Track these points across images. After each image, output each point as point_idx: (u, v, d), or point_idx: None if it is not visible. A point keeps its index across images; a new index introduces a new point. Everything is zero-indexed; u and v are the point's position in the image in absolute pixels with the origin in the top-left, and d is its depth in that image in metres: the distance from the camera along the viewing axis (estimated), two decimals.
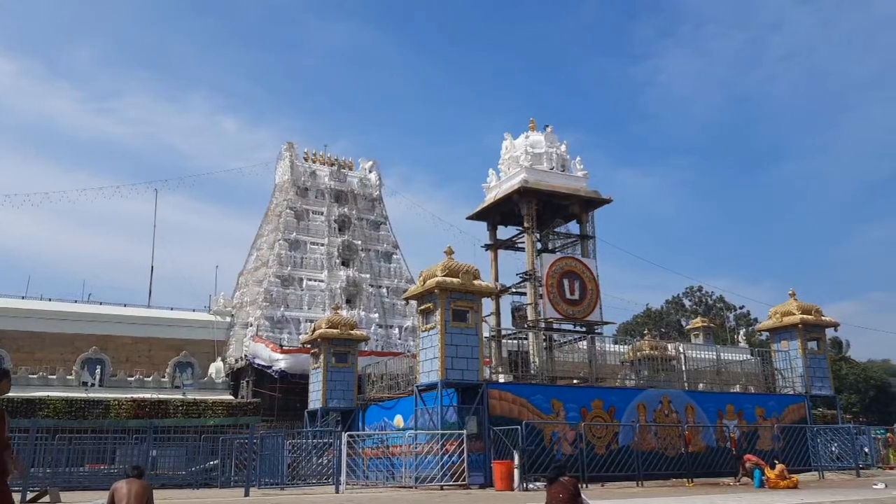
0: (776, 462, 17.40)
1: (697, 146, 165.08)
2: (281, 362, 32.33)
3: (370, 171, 46.50)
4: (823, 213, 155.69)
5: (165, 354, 34.44)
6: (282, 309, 38.76)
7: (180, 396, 28.49)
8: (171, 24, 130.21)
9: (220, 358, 35.94)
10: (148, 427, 22.05)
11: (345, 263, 41.82)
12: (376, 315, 40.47)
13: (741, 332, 56.38)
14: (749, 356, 27.58)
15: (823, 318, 24.07)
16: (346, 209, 43.56)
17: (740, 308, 65.42)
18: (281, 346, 34.03)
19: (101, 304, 38.25)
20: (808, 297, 24.37)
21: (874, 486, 15.50)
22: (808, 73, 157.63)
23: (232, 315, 40.04)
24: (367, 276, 41.83)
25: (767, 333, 25.57)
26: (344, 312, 32.36)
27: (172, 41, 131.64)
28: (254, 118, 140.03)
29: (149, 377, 31.70)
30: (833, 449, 21.56)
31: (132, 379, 31.31)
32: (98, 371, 30.69)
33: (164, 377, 31.92)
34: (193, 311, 40.34)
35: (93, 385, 30.12)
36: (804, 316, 23.35)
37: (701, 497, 14.14)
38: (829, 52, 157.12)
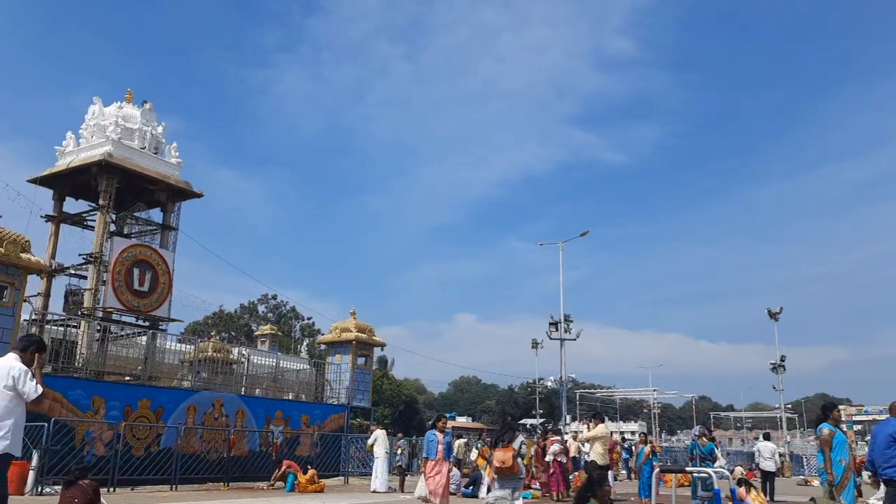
0: (309, 467, 18.66)
1: (298, 162, 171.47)
2: None
3: None
4: (391, 246, 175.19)
5: None
6: None
7: None
8: None
9: None
10: None
11: None
12: None
13: (305, 343, 59.66)
14: (307, 366, 29.31)
15: (375, 337, 26.94)
16: None
17: (308, 319, 69.25)
18: None
19: None
20: (366, 317, 27.09)
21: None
22: (402, 121, 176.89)
23: None
24: None
25: (326, 346, 27.56)
26: None
27: None
28: None
29: None
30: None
31: None
32: None
33: None
34: None
35: None
36: (359, 334, 25.82)
37: (232, 500, 14.40)
38: (420, 108, 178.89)
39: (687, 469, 12.82)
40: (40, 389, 5.54)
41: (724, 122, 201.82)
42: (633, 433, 76.25)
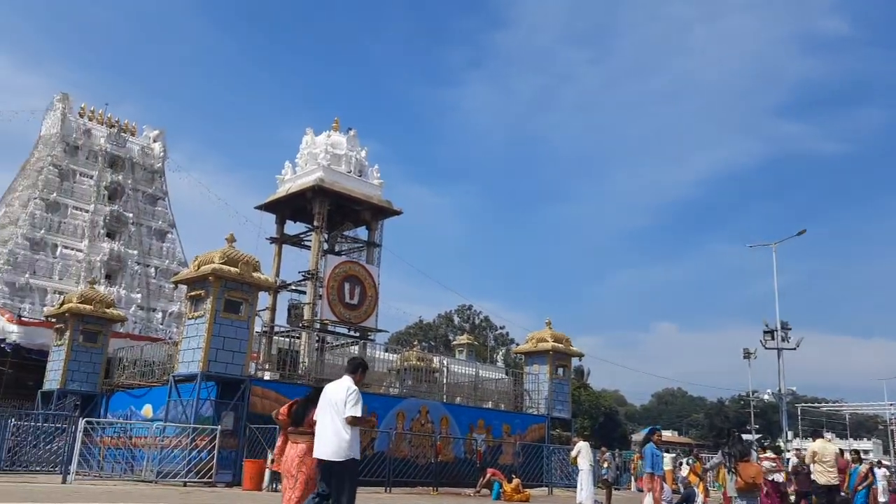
0: (514, 476, 18.82)
1: (487, 176, 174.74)
2: (16, 334, 28.63)
3: (154, 141, 43.12)
4: (583, 254, 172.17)
5: None
6: (27, 276, 34.49)
7: None
8: None
9: None
10: None
11: (110, 235, 38.29)
12: (139, 296, 37.51)
13: (500, 353, 60.44)
14: (504, 376, 29.64)
15: (571, 347, 26.57)
16: (120, 177, 39.95)
17: (501, 328, 70.12)
18: (19, 316, 30.15)
19: None
20: (560, 327, 26.79)
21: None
22: (589, 126, 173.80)
23: None
24: (135, 252, 38.66)
25: (522, 356, 27.69)
26: (101, 288, 29.57)
27: None
28: (25, 59, 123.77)
29: None
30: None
31: None
32: None
33: None
34: None
35: None
36: (555, 344, 25.60)
37: None
38: (608, 112, 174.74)
39: None
40: (357, 413, 6.31)
41: None
42: (865, 452, 68.13)
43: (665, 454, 24.23)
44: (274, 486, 15.78)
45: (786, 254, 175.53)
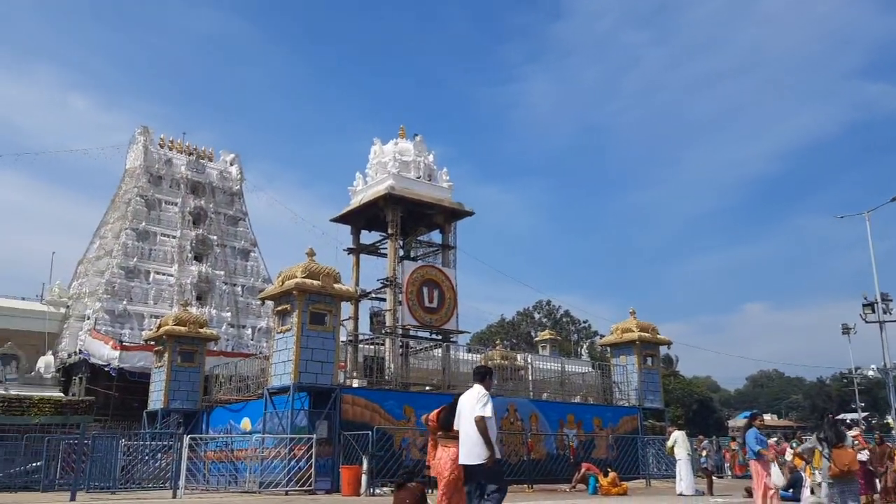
0: (609, 470, 18.55)
1: (554, 168, 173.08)
2: (119, 359, 30.26)
3: (231, 164, 44.75)
4: (660, 240, 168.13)
5: None
6: (125, 302, 36.36)
7: (1, 392, 25.93)
8: None
9: (50, 352, 33.08)
10: None
11: (198, 258, 39.93)
12: (228, 314, 38.95)
13: (584, 346, 59.63)
14: (590, 369, 29.25)
15: (658, 336, 25.98)
16: (202, 202, 41.63)
17: (584, 322, 69.18)
18: (121, 341, 31.86)
19: None
20: (644, 316, 26.21)
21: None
22: (657, 108, 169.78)
23: (67, 306, 37.05)
24: (222, 273, 40.19)
25: (608, 348, 27.28)
26: (194, 310, 30.88)
27: (14, 7, 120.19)
28: (107, 98, 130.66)
29: None
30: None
31: None
32: None
33: None
34: (23, 299, 36.92)
35: None
36: (642, 333, 25.08)
37: (540, 503, 14.82)
38: (676, 92, 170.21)
39: None
40: (485, 413, 6.70)
41: None
42: None
43: (770, 438, 23.37)
44: (372, 490, 16.10)
45: (881, 221, 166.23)
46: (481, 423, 6.65)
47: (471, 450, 6.79)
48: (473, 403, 6.85)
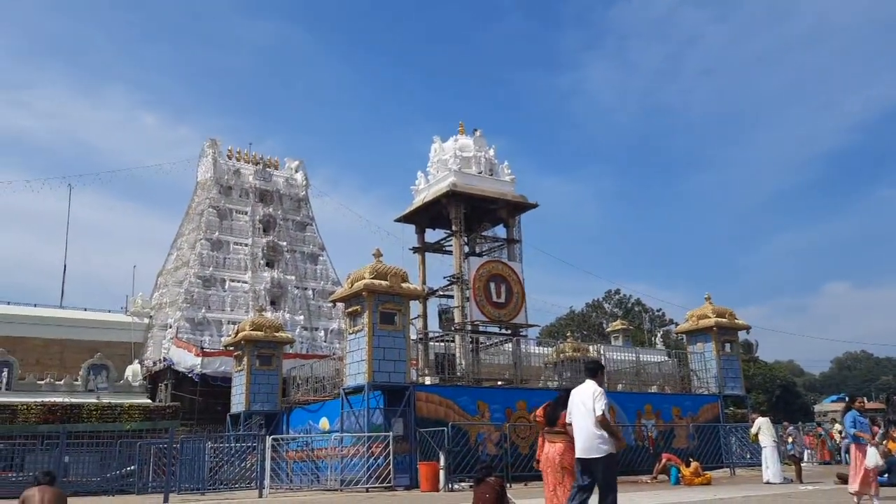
0: (691, 460, 18.12)
1: (618, 155, 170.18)
2: (201, 365, 31.44)
3: (296, 171, 45.81)
4: (733, 222, 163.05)
5: (78, 357, 32.89)
6: (203, 310, 37.71)
7: (94, 400, 27.29)
8: (86, 15, 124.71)
9: (137, 360, 34.64)
10: (60, 432, 21.05)
11: (269, 264, 41.07)
12: (301, 317, 39.90)
13: (658, 334, 58.39)
14: (666, 357, 28.59)
15: (736, 321, 25.15)
16: (271, 209, 42.77)
17: (657, 311, 67.67)
18: (202, 348, 33.09)
19: (8, 303, 36.28)
20: (719, 301, 25.44)
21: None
22: (723, 87, 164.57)
23: (150, 316, 38.69)
24: (293, 277, 41.21)
25: (683, 335, 26.62)
26: (268, 314, 31.80)
27: (88, 33, 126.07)
28: (175, 115, 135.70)
29: (60, 380, 30.22)
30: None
31: (42, 382, 29.77)
32: (5, 374, 29.08)
33: (77, 380, 30.48)
34: (109, 312, 38.77)
35: None
36: (719, 319, 24.31)
37: (621, 495, 14.58)
38: (741, 68, 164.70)
39: None
40: (601, 410, 6.73)
41: None
42: None
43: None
44: (450, 486, 16.22)
45: None
46: (604, 421, 6.73)
47: (587, 443, 6.87)
48: (590, 399, 6.92)
